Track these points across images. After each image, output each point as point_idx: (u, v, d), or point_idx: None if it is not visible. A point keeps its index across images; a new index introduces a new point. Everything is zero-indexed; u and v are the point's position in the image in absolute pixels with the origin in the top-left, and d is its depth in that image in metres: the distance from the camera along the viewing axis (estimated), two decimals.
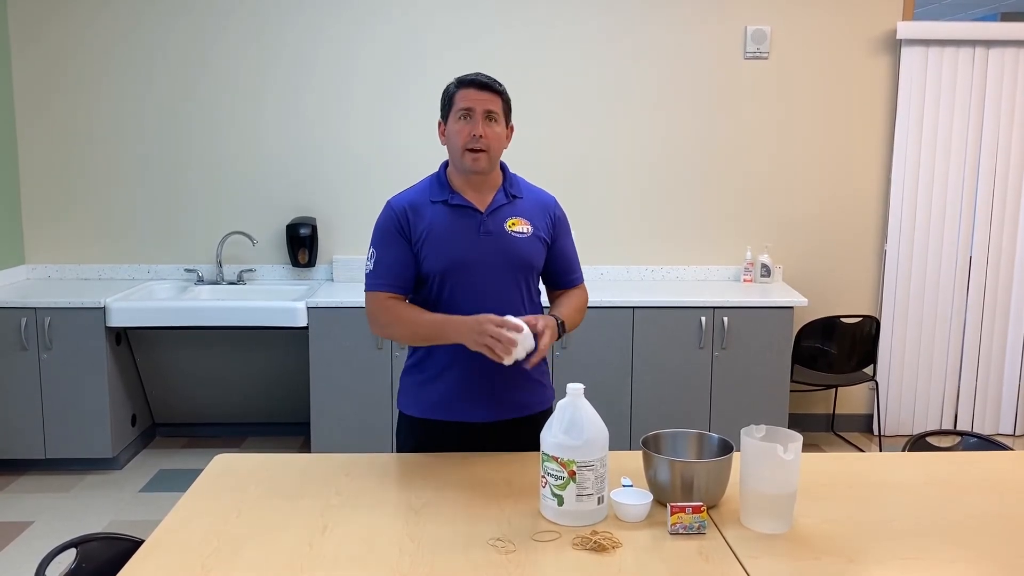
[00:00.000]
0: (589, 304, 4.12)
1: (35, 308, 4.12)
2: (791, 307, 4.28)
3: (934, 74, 4.62)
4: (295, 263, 4.68)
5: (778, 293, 4.43)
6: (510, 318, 2.07)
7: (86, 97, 4.62)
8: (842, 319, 4.49)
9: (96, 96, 4.62)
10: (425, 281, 2.26)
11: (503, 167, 2.34)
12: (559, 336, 2.19)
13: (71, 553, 1.77)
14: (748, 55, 4.65)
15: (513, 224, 2.26)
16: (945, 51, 4.61)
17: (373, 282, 2.25)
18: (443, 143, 2.26)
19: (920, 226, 4.73)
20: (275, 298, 4.34)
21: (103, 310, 4.14)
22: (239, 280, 4.71)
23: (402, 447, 2.36)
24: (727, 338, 4.25)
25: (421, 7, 4.59)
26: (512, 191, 2.30)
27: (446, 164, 2.31)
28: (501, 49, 4.62)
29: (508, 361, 2.05)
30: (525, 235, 2.26)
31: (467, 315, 2.12)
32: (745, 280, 4.72)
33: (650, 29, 4.63)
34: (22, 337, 4.12)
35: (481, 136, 2.17)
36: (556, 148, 4.70)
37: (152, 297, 4.51)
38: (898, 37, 4.58)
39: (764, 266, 4.69)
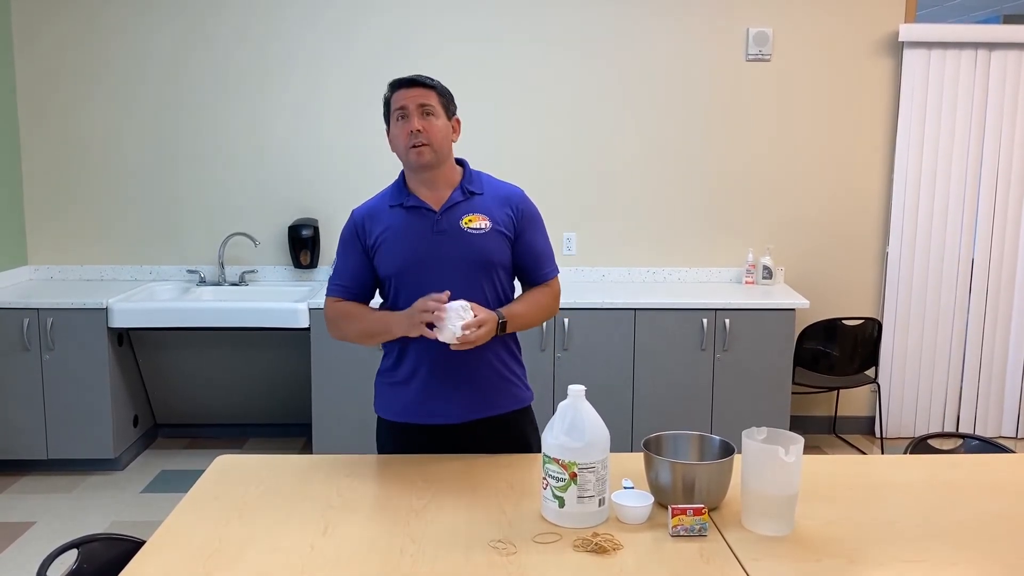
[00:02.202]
0: (590, 306, 4.20)
1: (37, 309, 4.13)
2: (793, 309, 4.28)
3: (936, 76, 4.62)
4: (297, 264, 4.69)
5: (780, 295, 4.42)
6: (431, 296, 2.10)
7: (88, 98, 4.63)
8: (844, 321, 4.49)
9: (98, 97, 4.63)
10: (383, 284, 2.29)
11: (464, 164, 2.32)
12: (499, 333, 2.17)
13: (72, 554, 1.78)
14: (750, 57, 4.65)
15: (470, 221, 2.23)
16: (947, 53, 4.60)
17: (330, 287, 2.32)
18: (392, 150, 2.27)
19: (922, 228, 4.72)
20: (277, 299, 4.34)
21: (105, 311, 4.14)
22: (241, 281, 4.71)
23: (381, 450, 2.37)
24: (729, 340, 4.25)
25: (422, 8, 4.59)
26: (471, 188, 2.27)
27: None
28: (501, 52, 4.63)
29: (444, 336, 2.06)
30: (482, 231, 2.23)
31: None
32: (747, 282, 4.72)
33: (652, 31, 4.63)
34: (24, 338, 4.13)
35: (419, 131, 2.17)
36: (557, 150, 4.70)
37: (154, 298, 4.52)
38: (900, 39, 4.58)
39: (766, 268, 4.69)
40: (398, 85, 2.22)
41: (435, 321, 2.07)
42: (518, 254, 2.30)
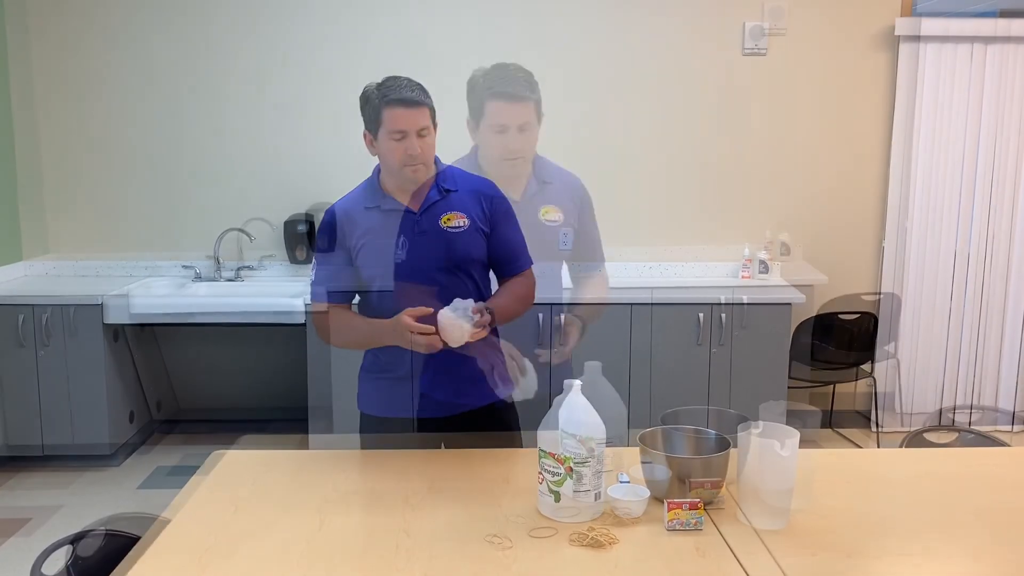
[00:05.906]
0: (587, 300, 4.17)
1: (33, 304, 4.12)
2: (789, 303, 4.28)
3: (932, 71, 4.62)
4: (293, 260, 4.68)
5: (776, 290, 4.42)
6: (411, 310, 2.06)
7: (84, 93, 4.61)
8: (840, 315, 4.49)
9: (94, 92, 4.61)
10: (369, 287, 2.26)
11: (435, 161, 2.31)
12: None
13: (68, 549, 1.77)
14: (747, 51, 4.64)
15: (448, 219, 2.23)
16: (944, 47, 4.60)
17: (314, 291, 2.29)
18: (372, 153, 2.23)
19: (918, 223, 4.72)
20: (273, 294, 4.33)
21: (101, 306, 4.13)
22: (237, 276, 4.70)
23: (365, 446, 2.37)
24: (725, 334, 4.25)
25: (421, 4, 4.58)
26: (445, 185, 2.26)
27: (379, 168, 2.29)
28: (498, 45, 4.61)
29: (454, 342, 2.04)
30: (462, 228, 2.23)
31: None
32: (743, 276, 4.72)
33: (649, 25, 4.61)
34: (19, 333, 4.12)
35: (418, 154, 2.16)
36: (553, 145, 4.68)
37: (150, 293, 4.50)
38: (897, 33, 4.57)
39: (762, 263, 4.68)
40: (395, 103, 2.14)
41: (433, 341, 2.04)
42: (492, 246, 2.29)
